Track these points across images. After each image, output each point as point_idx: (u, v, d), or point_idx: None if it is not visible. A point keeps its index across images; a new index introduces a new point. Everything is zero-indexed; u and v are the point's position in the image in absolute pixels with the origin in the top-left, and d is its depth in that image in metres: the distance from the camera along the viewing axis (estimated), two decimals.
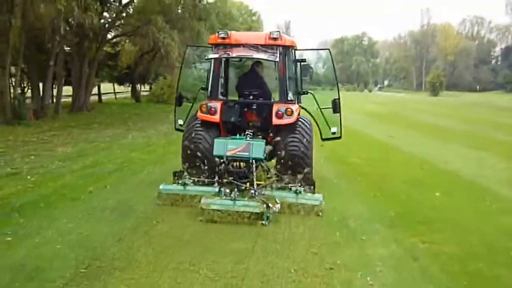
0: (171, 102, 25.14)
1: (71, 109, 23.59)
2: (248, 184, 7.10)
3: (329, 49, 11.15)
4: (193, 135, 7.90)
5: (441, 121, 26.03)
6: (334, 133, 9.21)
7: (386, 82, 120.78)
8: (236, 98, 8.90)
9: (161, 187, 7.25)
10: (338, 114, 8.98)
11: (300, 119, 8.04)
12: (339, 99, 8.94)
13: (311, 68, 9.41)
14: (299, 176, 7.31)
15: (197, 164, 7.62)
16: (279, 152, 7.68)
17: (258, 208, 6.28)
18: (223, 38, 7.93)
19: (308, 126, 7.98)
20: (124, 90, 38.08)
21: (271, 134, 8.19)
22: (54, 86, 22.57)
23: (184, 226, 6.33)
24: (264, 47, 7.77)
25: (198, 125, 8.02)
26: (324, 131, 9.26)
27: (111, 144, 14.33)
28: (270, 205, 6.38)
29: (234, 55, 7.96)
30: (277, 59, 7.64)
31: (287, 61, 8.27)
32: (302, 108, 9.18)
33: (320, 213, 6.82)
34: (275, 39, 7.78)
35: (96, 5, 19.26)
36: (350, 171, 11.09)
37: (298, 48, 9.23)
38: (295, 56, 8.92)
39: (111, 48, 32.95)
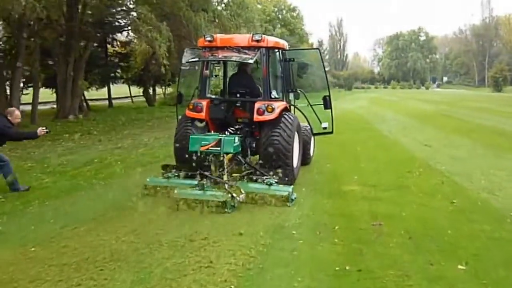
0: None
1: (56, 117, 20.48)
2: (224, 176, 7.39)
3: (318, 49, 11.87)
4: (182, 131, 8.46)
5: (503, 123, 20.86)
6: (325, 128, 10.21)
7: (445, 79, 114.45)
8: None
9: (148, 179, 7.87)
10: (330, 110, 9.91)
11: (284, 115, 8.29)
12: (329, 96, 9.89)
13: (306, 66, 9.76)
14: (279, 170, 7.65)
15: (187, 158, 7.81)
16: (260, 147, 8.16)
17: (223, 198, 6.74)
18: (210, 41, 8.42)
19: (291, 122, 8.20)
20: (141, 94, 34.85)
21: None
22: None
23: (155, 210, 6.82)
24: (246, 49, 8.18)
25: (187, 123, 8.52)
26: (316, 127, 10.11)
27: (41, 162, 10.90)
28: (234, 195, 6.85)
29: (210, 58, 8.48)
30: (252, 61, 8.01)
31: (271, 62, 8.70)
32: (293, 105, 9.78)
33: (288, 204, 7.07)
34: (257, 41, 8.19)
35: None
36: (331, 214, 6.91)
37: (287, 48, 9.70)
38: (281, 56, 9.27)
39: (121, 47, 30.03)
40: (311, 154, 10.74)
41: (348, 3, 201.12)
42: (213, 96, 9.24)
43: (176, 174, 7.86)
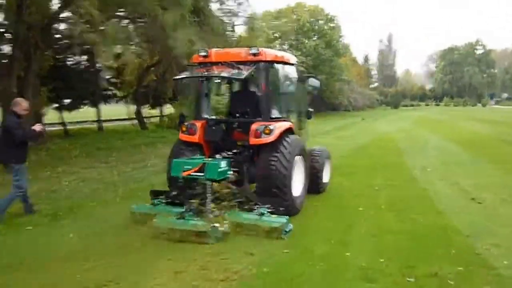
0: None
1: None
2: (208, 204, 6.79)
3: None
4: (175, 156, 7.72)
5: None
6: None
7: (504, 95, 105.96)
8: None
9: (134, 206, 7.41)
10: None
11: (286, 138, 7.53)
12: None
13: (316, 81, 9.05)
14: (275, 199, 7.03)
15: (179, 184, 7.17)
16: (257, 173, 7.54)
17: (204, 228, 6.22)
18: (204, 56, 7.90)
19: (291, 145, 7.47)
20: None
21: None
22: None
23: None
24: (243, 64, 7.54)
25: (180, 147, 7.97)
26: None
27: None
28: (217, 224, 6.29)
29: (195, 75, 7.98)
30: (242, 77, 7.34)
31: (271, 77, 7.99)
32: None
33: (283, 236, 6.40)
34: (254, 54, 7.62)
35: None
36: None
37: (293, 63, 8.77)
38: (285, 72, 8.50)
39: (112, 61, 25.94)
40: (325, 181, 9.63)
41: (400, 16, 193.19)
42: (209, 117, 8.50)
43: (163, 201, 7.32)
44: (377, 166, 13.35)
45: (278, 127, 7.55)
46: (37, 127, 7.61)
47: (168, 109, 30.99)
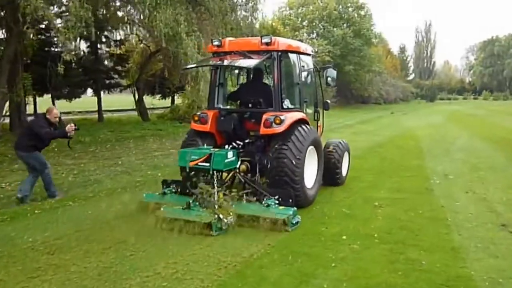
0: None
1: None
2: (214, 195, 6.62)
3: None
4: (187, 145, 7.75)
5: None
6: None
7: None
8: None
9: (144, 195, 7.43)
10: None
11: (298, 128, 7.37)
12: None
13: (333, 70, 8.95)
14: (285, 191, 6.88)
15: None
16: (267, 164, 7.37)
17: (207, 219, 6.05)
18: (218, 46, 7.84)
19: (303, 136, 7.33)
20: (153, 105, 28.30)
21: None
22: None
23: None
24: (255, 54, 7.48)
25: (192, 136, 7.94)
26: None
27: None
28: (221, 216, 6.12)
29: (205, 63, 9.01)
30: (251, 66, 7.46)
31: (284, 67, 7.79)
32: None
33: (288, 228, 6.19)
34: (267, 44, 7.45)
35: None
36: None
37: (309, 53, 8.68)
38: (300, 61, 8.18)
39: (117, 48, 24.25)
40: (344, 173, 9.39)
41: (440, 5, 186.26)
42: (222, 107, 8.36)
43: (174, 190, 7.34)
44: (388, 171, 10.96)
45: (290, 117, 7.40)
46: (69, 128, 7.83)
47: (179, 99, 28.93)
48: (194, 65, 9.30)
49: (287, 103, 7.82)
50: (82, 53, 22.75)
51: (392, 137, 18.86)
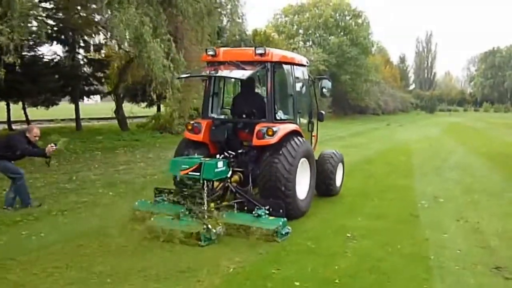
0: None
1: None
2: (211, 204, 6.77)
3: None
4: (179, 154, 7.77)
5: None
6: None
7: None
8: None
9: (136, 203, 7.39)
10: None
11: (290, 139, 7.36)
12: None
13: (328, 82, 9.14)
14: (277, 201, 6.85)
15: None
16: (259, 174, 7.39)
17: (196, 229, 6.10)
18: (212, 55, 7.83)
19: (295, 147, 7.32)
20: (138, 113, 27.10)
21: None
22: None
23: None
24: (249, 64, 7.50)
25: (184, 145, 7.97)
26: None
27: None
28: (210, 226, 6.10)
29: (194, 74, 9.37)
30: (244, 77, 7.26)
31: (277, 78, 7.86)
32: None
33: (278, 239, 6.19)
34: (261, 54, 7.47)
35: None
36: None
37: (304, 63, 8.72)
38: (294, 72, 8.19)
39: (96, 53, 23.15)
40: (338, 184, 9.27)
41: (441, 16, 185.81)
42: (216, 116, 8.42)
43: (165, 199, 7.25)
44: (371, 192, 9.77)
45: (283, 129, 7.42)
46: (49, 149, 7.85)
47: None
48: (188, 75, 9.57)
49: (280, 114, 7.85)
50: (58, 57, 21.70)
51: (383, 152, 17.65)
